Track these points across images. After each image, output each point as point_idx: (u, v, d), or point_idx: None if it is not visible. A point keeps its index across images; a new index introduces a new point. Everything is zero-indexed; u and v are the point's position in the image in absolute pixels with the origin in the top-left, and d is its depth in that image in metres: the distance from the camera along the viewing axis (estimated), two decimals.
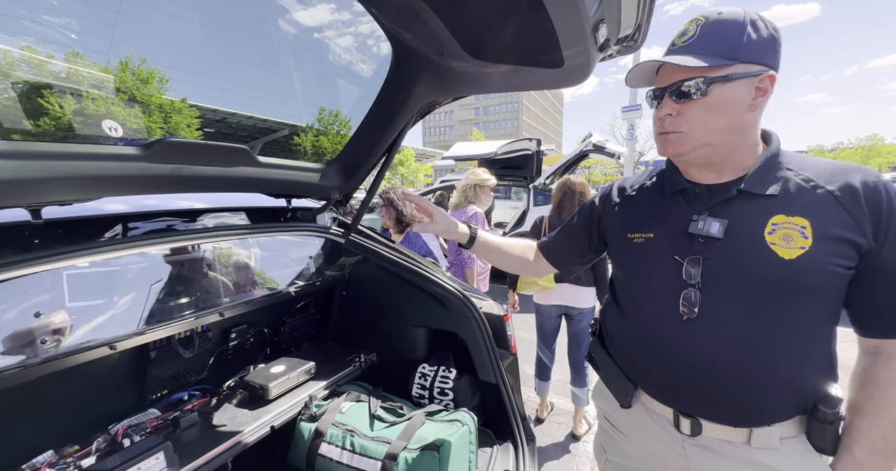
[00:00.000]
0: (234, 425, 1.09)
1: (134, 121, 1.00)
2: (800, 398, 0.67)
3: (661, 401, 0.77)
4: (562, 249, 1.03)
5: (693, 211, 0.73)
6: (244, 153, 1.14)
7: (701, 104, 0.68)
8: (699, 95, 0.67)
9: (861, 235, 0.62)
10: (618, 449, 0.88)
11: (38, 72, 0.81)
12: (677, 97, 0.69)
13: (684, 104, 0.69)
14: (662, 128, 0.72)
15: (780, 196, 0.67)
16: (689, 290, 0.70)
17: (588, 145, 6.00)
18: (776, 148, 0.71)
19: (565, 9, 0.71)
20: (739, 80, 0.66)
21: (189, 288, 1.18)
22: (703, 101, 0.67)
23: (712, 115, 0.68)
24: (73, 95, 0.86)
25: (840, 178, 0.65)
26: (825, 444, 0.66)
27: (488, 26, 0.93)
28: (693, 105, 0.68)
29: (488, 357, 1.37)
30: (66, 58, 0.83)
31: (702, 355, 0.69)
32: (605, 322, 0.91)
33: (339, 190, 1.56)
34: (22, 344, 0.83)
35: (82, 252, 0.87)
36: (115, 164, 0.83)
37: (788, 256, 0.63)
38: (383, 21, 1.08)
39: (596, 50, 0.86)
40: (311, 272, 1.67)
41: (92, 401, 1.03)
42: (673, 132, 0.71)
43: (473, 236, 1.05)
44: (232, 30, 1.14)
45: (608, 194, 0.92)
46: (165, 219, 1.12)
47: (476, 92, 1.25)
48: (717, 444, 0.71)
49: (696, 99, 0.68)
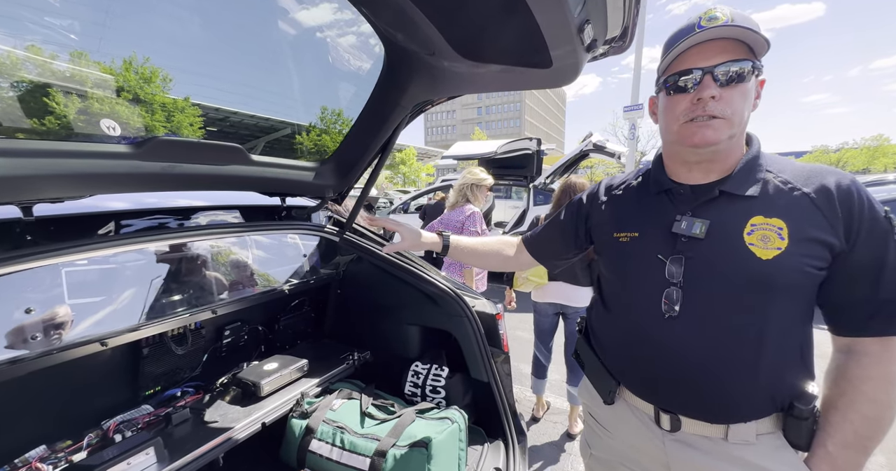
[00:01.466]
0: (225, 421, 1.10)
1: (137, 120, 1.01)
2: (776, 396, 0.68)
3: (643, 397, 0.78)
4: (547, 244, 1.04)
5: (677, 211, 0.74)
6: (237, 152, 1.15)
7: (741, 90, 0.65)
8: (742, 81, 0.65)
9: (834, 237, 0.63)
10: (602, 445, 0.89)
11: (41, 71, 0.82)
12: (725, 80, 0.65)
13: (728, 88, 0.65)
14: (706, 111, 0.66)
15: (759, 198, 0.68)
16: (672, 288, 0.71)
17: (588, 145, 5.99)
18: (757, 150, 0.72)
19: (549, 10, 0.72)
20: (759, 75, 0.67)
21: (182, 286, 1.19)
22: (743, 87, 0.65)
23: (745, 104, 0.67)
24: (73, 95, 0.87)
25: (816, 180, 0.66)
26: (800, 440, 0.68)
27: (477, 28, 0.93)
28: (735, 90, 0.65)
29: (480, 356, 1.38)
30: (70, 57, 0.84)
31: (682, 352, 0.71)
32: (591, 319, 0.92)
33: (333, 189, 1.56)
34: (13, 340, 0.84)
35: (74, 249, 0.88)
36: (107, 161, 0.84)
37: (765, 257, 0.64)
38: (375, 22, 1.08)
39: (583, 50, 0.87)
40: (306, 271, 1.68)
41: (85, 396, 1.05)
42: (718, 117, 0.66)
43: (447, 245, 1.07)
44: (233, 30, 1.14)
45: (595, 193, 0.92)
46: (159, 216, 1.13)
47: (468, 92, 1.25)
48: (695, 439, 0.72)
49: (738, 84, 0.65)
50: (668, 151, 0.79)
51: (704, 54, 0.66)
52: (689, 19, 0.69)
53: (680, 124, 0.70)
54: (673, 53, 0.68)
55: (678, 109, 0.69)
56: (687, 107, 0.68)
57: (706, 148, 0.69)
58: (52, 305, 0.91)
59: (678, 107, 0.69)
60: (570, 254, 1.01)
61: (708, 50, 0.66)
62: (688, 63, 0.67)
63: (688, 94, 0.68)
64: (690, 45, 0.67)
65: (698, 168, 0.74)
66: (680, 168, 0.77)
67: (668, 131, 0.74)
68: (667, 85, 0.71)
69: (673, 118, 0.71)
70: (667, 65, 0.71)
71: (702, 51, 0.66)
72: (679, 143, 0.72)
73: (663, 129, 0.76)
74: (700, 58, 0.66)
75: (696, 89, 0.67)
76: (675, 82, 0.69)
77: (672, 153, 0.78)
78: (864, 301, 0.65)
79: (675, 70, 0.69)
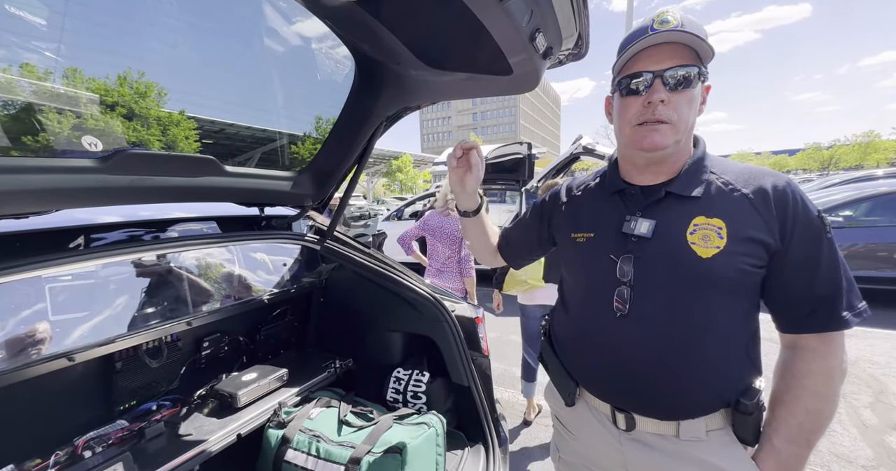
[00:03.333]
0: (200, 433, 1.10)
1: (132, 134, 1.02)
2: (723, 391, 0.69)
3: (599, 397, 0.79)
4: (515, 244, 1.04)
5: (628, 212, 0.75)
6: (210, 163, 1.16)
7: (688, 96, 0.67)
8: (689, 86, 0.66)
9: (770, 236, 0.65)
10: (568, 448, 0.89)
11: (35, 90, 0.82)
12: (673, 84, 0.67)
13: (676, 93, 0.67)
14: (654, 115, 0.68)
15: (702, 198, 0.69)
16: (623, 287, 0.72)
17: (578, 148, 6.03)
18: (702, 152, 0.74)
19: (496, 19, 0.74)
20: (704, 81, 0.69)
21: (155, 298, 1.19)
22: (690, 93, 0.67)
23: (691, 110, 0.69)
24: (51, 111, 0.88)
25: (755, 182, 0.68)
26: (747, 435, 0.69)
27: (436, 38, 0.95)
28: (682, 96, 0.67)
29: (460, 360, 1.38)
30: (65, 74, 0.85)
31: (632, 350, 0.72)
32: (553, 321, 0.93)
33: (311, 198, 1.58)
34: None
35: (41, 265, 0.88)
36: (70, 176, 0.85)
37: (705, 255, 0.66)
38: (341, 34, 1.11)
39: (539, 57, 0.89)
40: (287, 280, 1.68)
41: (56, 413, 1.04)
42: (665, 121, 0.68)
43: (480, 206, 1.01)
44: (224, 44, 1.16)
45: (557, 193, 0.94)
46: (132, 229, 1.13)
47: (438, 99, 1.28)
48: (650, 438, 0.73)
49: (684, 90, 0.67)
50: (622, 153, 0.81)
51: (655, 58, 0.68)
52: (644, 21, 0.71)
53: (631, 127, 0.72)
54: (626, 55, 0.71)
55: (630, 112, 0.72)
56: (638, 110, 0.70)
57: (654, 152, 0.71)
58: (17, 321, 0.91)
59: (630, 110, 0.71)
60: (535, 255, 1.03)
61: (659, 54, 0.68)
62: (639, 66, 0.70)
63: (639, 97, 0.70)
64: (642, 49, 0.69)
65: (648, 170, 0.76)
66: (632, 170, 0.79)
67: (621, 134, 0.76)
68: (620, 87, 0.73)
69: (625, 121, 0.73)
70: (621, 66, 0.73)
71: (652, 54, 0.69)
72: (630, 146, 0.74)
73: (617, 131, 0.78)
74: (651, 61, 0.69)
75: (646, 92, 0.69)
76: (627, 85, 0.71)
77: (625, 156, 0.80)
78: (802, 299, 0.66)
79: (627, 72, 0.71)
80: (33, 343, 0.91)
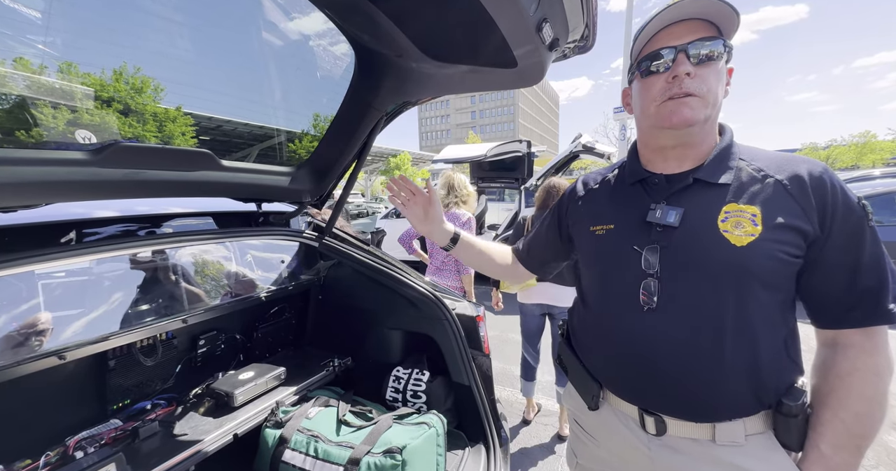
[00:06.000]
0: (195, 433, 1.07)
1: (128, 130, 0.99)
2: (761, 390, 0.64)
3: (625, 398, 0.74)
4: (538, 252, 1.00)
5: (651, 200, 0.72)
6: (206, 157, 1.13)
7: (714, 69, 0.64)
8: (714, 59, 0.64)
9: (808, 223, 0.62)
10: (588, 454, 0.85)
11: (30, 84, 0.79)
12: (699, 57, 0.64)
13: (701, 66, 0.64)
14: (682, 88, 0.64)
15: (732, 185, 0.66)
16: (649, 279, 0.68)
17: (578, 146, 6.02)
18: (730, 139, 0.71)
19: (503, 8, 0.71)
20: (728, 59, 0.66)
21: (150, 295, 1.16)
22: (716, 65, 0.64)
23: (720, 84, 0.66)
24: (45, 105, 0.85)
25: (789, 168, 0.65)
26: (791, 440, 0.64)
27: (439, 28, 0.93)
28: (709, 68, 0.64)
29: (461, 359, 1.36)
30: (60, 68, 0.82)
31: (661, 345, 0.67)
32: (572, 321, 0.89)
33: (310, 193, 1.55)
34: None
35: (31, 260, 0.85)
36: (59, 169, 0.82)
37: (739, 243, 0.63)
38: (341, 24, 1.08)
39: (545, 49, 0.86)
40: (285, 277, 1.65)
41: (47, 413, 1.01)
42: (695, 94, 0.64)
43: (457, 237, 0.99)
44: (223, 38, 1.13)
45: (573, 190, 0.90)
46: (126, 224, 1.11)
47: (439, 93, 1.25)
48: (682, 443, 0.68)
49: (710, 62, 0.64)
50: (644, 138, 0.77)
51: (675, 34, 0.66)
52: (658, 8, 0.69)
53: (657, 105, 0.68)
54: (644, 35, 0.68)
55: (654, 90, 0.68)
56: (663, 86, 0.67)
57: (684, 129, 0.67)
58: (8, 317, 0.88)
59: (654, 88, 0.68)
60: (562, 257, 0.97)
61: (678, 30, 0.66)
62: (660, 44, 0.67)
63: (662, 75, 0.67)
64: (661, 26, 0.66)
65: (673, 155, 0.72)
66: (655, 157, 0.75)
67: (644, 115, 0.72)
68: (640, 69, 0.70)
69: (649, 100, 0.69)
70: (639, 49, 0.71)
71: (672, 32, 0.66)
72: (657, 125, 0.70)
73: (639, 113, 0.74)
74: (671, 38, 0.66)
75: (670, 68, 0.66)
76: (647, 67, 0.68)
77: (648, 140, 0.76)
78: (844, 291, 0.62)
79: (647, 52, 0.68)
80: (25, 340, 0.88)
